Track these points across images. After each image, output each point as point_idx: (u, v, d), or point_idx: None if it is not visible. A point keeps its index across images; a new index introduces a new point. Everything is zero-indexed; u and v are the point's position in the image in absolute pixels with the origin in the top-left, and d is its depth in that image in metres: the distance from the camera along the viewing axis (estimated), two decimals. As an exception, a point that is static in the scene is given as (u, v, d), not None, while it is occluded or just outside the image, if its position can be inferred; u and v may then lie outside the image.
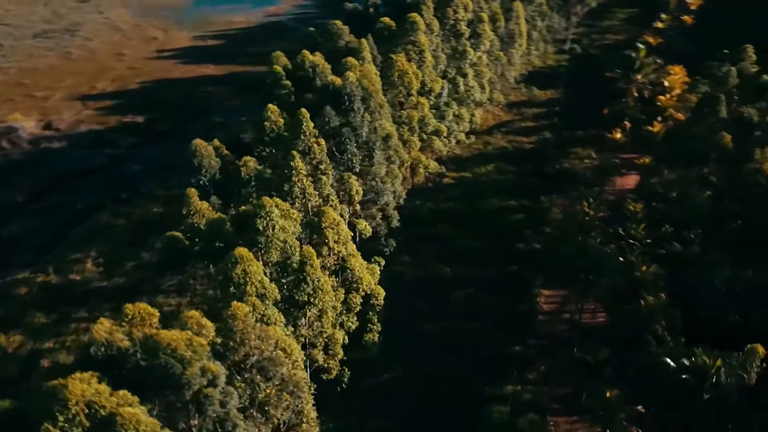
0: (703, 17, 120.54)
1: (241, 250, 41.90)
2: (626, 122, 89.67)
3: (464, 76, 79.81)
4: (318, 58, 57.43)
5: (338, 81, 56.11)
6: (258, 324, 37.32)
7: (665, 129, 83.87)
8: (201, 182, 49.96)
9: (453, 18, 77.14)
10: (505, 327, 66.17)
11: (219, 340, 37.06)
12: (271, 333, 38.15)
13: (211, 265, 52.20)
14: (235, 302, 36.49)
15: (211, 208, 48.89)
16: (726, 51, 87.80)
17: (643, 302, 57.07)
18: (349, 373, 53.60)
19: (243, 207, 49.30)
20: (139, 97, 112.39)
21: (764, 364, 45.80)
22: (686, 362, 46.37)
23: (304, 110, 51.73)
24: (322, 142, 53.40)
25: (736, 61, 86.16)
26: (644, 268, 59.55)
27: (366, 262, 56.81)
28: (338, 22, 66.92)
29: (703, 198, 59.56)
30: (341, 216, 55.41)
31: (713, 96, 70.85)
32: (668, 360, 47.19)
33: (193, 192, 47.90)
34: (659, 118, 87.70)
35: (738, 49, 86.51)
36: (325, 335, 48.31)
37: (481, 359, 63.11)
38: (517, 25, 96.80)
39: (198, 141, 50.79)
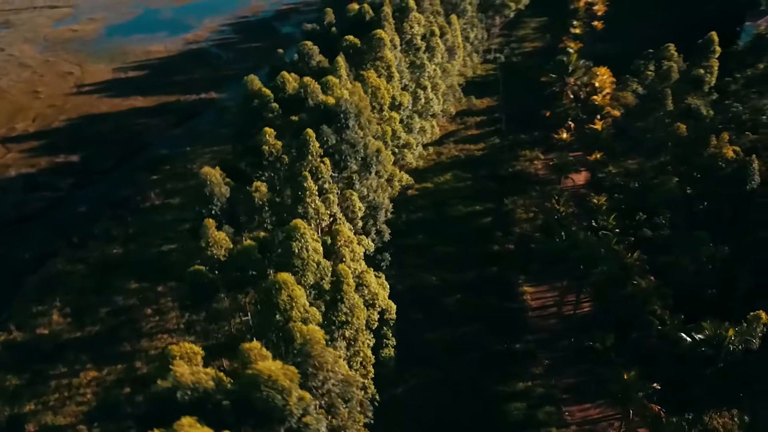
0: (611, 22, 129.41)
1: (284, 275, 40.88)
2: (570, 122, 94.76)
3: (424, 88, 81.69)
4: (308, 78, 57.05)
5: (330, 100, 56.01)
6: (329, 348, 36.58)
7: (607, 126, 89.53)
8: (213, 212, 48.08)
9: (410, 33, 78.88)
10: (499, 326, 68.32)
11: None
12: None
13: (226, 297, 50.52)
14: (311, 326, 35.57)
15: (228, 239, 47.22)
16: (651, 50, 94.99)
17: (635, 286, 60.56)
18: (376, 390, 53.23)
19: (262, 233, 48.14)
20: (67, 135, 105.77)
21: (766, 329, 50.07)
22: (699, 336, 49.78)
23: (310, 130, 51.22)
24: (327, 161, 53.08)
25: (658, 59, 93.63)
26: (629, 255, 63.28)
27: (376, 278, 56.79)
28: (309, 43, 66.76)
29: (673, 184, 64.14)
30: (346, 234, 55.05)
31: (658, 91, 76.53)
32: (683, 335, 50.41)
33: (211, 223, 46.03)
34: (598, 117, 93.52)
35: (660, 48, 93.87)
36: (361, 354, 47.84)
37: (484, 360, 64.84)
38: (455, 37, 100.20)
39: (206, 169, 48.81)
